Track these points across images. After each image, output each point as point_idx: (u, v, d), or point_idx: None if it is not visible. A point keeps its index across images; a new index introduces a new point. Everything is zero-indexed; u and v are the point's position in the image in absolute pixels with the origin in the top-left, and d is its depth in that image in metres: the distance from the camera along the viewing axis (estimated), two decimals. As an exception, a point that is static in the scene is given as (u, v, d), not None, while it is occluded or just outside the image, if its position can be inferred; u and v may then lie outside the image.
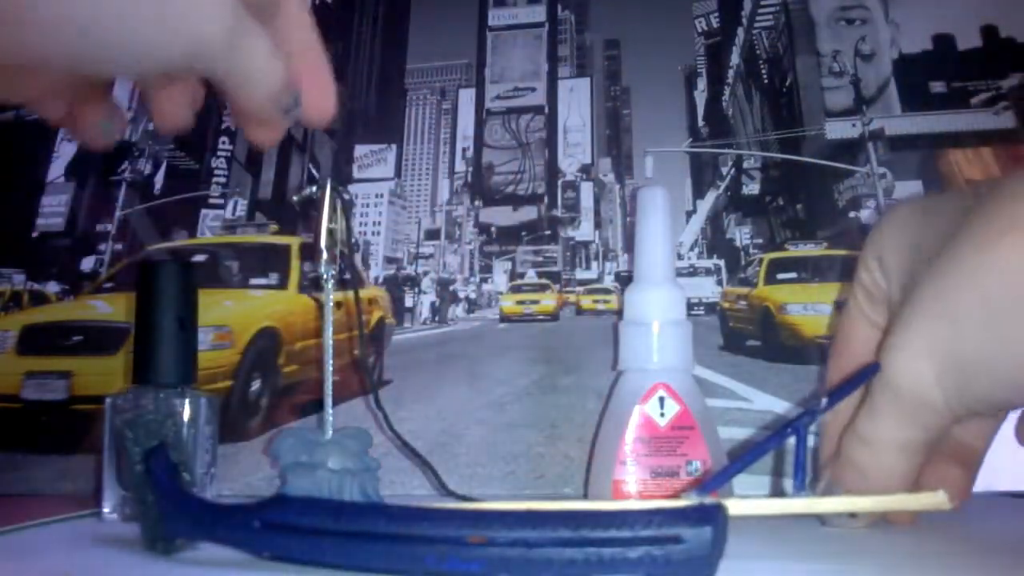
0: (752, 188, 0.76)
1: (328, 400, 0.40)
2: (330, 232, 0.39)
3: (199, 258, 0.64)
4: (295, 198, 0.40)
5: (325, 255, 0.39)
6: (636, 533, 0.27)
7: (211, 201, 0.77)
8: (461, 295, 0.67)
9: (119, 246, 0.76)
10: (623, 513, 0.28)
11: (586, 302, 0.66)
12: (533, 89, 0.88)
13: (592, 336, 0.62)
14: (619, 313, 0.56)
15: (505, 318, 0.66)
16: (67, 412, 0.60)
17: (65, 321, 0.64)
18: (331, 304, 0.40)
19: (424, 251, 0.68)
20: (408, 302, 0.66)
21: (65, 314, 0.64)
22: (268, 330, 0.62)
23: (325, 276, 0.40)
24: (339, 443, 0.39)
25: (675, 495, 0.48)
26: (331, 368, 0.40)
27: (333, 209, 0.39)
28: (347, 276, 0.67)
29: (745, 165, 0.77)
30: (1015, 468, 0.55)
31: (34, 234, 0.69)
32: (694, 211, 0.77)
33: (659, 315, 0.52)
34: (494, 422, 0.59)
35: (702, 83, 0.85)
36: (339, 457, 0.39)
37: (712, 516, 0.28)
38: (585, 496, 0.54)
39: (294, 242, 0.67)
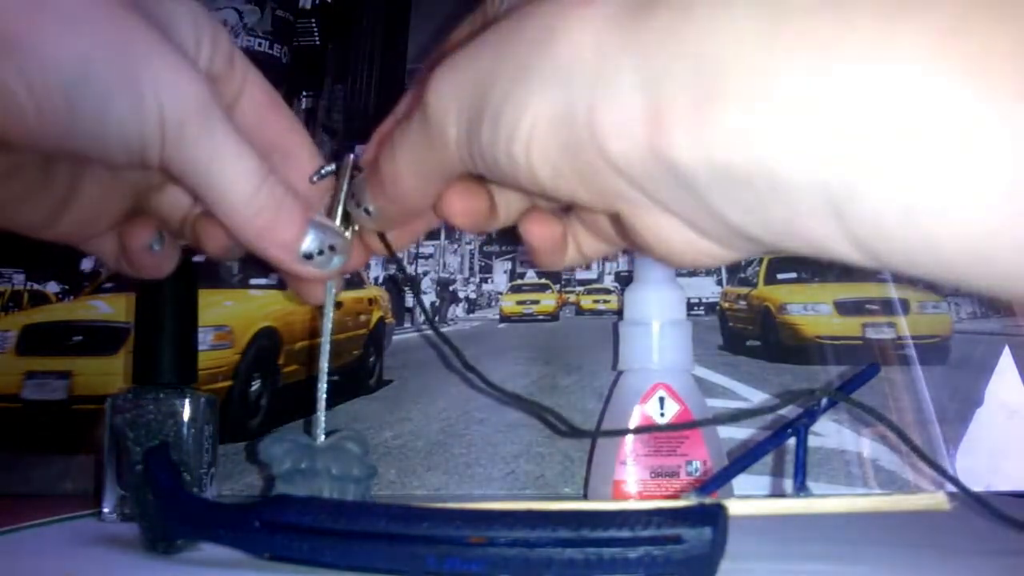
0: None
1: (322, 400, 0.38)
2: (345, 215, 0.34)
3: (199, 258, 0.64)
4: (313, 179, 0.35)
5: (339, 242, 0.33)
6: (636, 533, 0.27)
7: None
8: (461, 295, 0.67)
9: (119, 246, 0.76)
10: (623, 513, 0.28)
11: (586, 302, 0.66)
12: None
13: (592, 336, 0.62)
14: (619, 313, 0.56)
15: (505, 318, 0.66)
16: (67, 412, 0.60)
17: (65, 321, 0.64)
18: (332, 301, 0.37)
19: (424, 251, 0.68)
20: (408, 302, 0.66)
21: (65, 314, 0.64)
22: (268, 330, 0.62)
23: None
24: (340, 447, 0.37)
25: (675, 495, 0.48)
26: (327, 366, 0.37)
27: (351, 191, 0.33)
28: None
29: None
30: (1015, 468, 0.55)
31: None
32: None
33: (659, 315, 0.52)
34: (494, 422, 0.59)
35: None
36: (342, 463, 0.37)
37: (712, 516, 0.28)
38: (585, 496, 0.54)
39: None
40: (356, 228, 0.34)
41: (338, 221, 0.34)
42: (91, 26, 0.27)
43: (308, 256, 0.32)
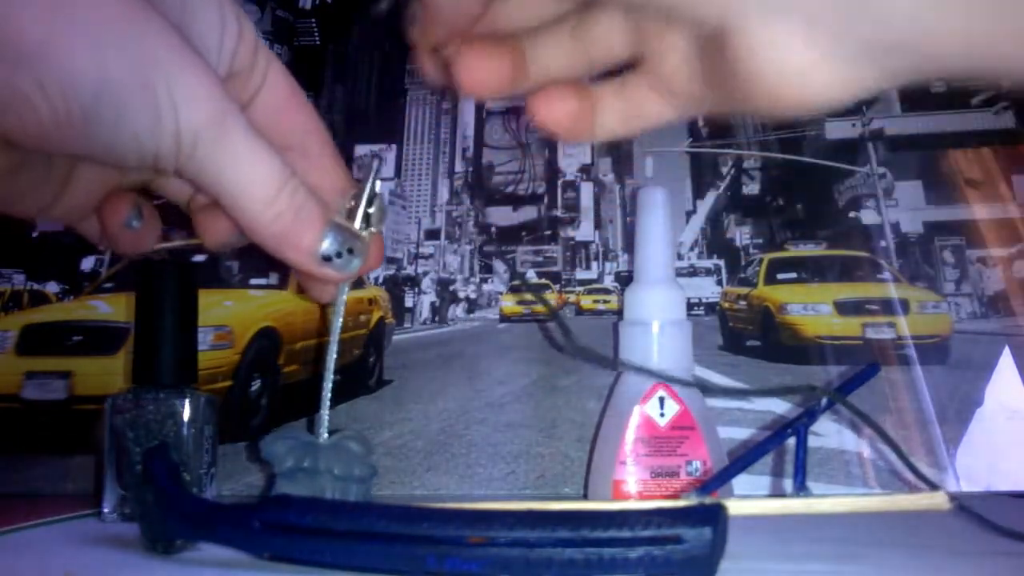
0: (752, 188, 0.76)
1: (326, 397, 0.37)
2: (365, 216, 0.33)
3: (199, 258, 0.64)
4: None
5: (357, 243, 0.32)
6: (636, 533, 0.27)
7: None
8: (461, 295, 0.67)
9: (119, 246, 0.76)
10: (623, 513, 0.28)
11: (586, 302, 0.66)
12: (533, 89, 0.88)
13: (592, 336, 0.62)
14: (619, 313, 0.56)
15: (505, 318, 0.66)
16: (67, 412, 0.60)
17: (65, 321, 0.64)
18: (343, 299, 0.36)
19: (424, 251, 0.68)
20: (408, 302, 0.66)
21: (65, 314, 0.64)
22: (268, 330, 0.62)
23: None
24: (342, 447, 0.37)
25: (675, 495, 0.48)
26: (334, 359, 0.36)
27: (373, 194, 0.33)
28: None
29: (745, 165, 0.77)
30: (1015, 468, 0.55)
31: (34, 234, 0.69)
32: (694, 211, 0.77)
33: (659, 315, 0.52)
34: (494, 422, 0.59)
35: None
36: (344, 463, 0.37)
37: (712, 516, 0.28)
38: (585, 496, 0.54)
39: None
40: (373, 230, 0.34)
41: (358, 223, 0.33)
42: (109, 34, 0.26)
43: (327, 258, 0.31)
